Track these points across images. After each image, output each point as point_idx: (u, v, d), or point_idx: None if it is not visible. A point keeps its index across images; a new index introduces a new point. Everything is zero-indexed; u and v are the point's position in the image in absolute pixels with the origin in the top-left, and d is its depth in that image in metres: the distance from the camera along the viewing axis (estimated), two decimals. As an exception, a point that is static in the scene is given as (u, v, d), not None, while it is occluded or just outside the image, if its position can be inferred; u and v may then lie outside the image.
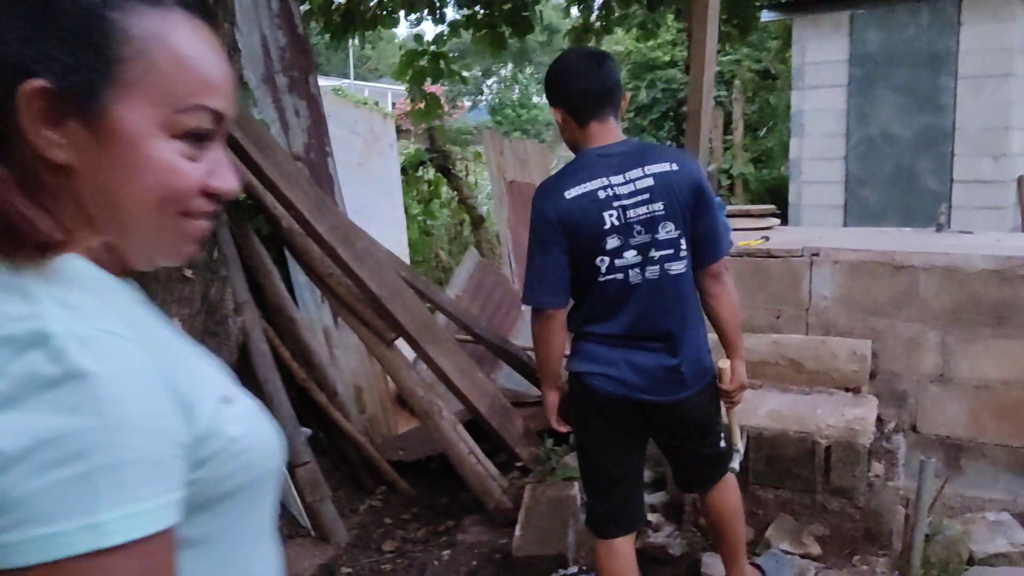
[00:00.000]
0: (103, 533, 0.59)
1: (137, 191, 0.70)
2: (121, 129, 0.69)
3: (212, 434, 0.69)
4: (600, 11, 6.45)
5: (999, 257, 3.45)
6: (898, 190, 8.04)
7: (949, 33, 7.61)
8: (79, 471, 0.59)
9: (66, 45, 0.67)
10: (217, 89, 0.73)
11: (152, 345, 0.67)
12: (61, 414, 0.59)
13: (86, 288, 0.68)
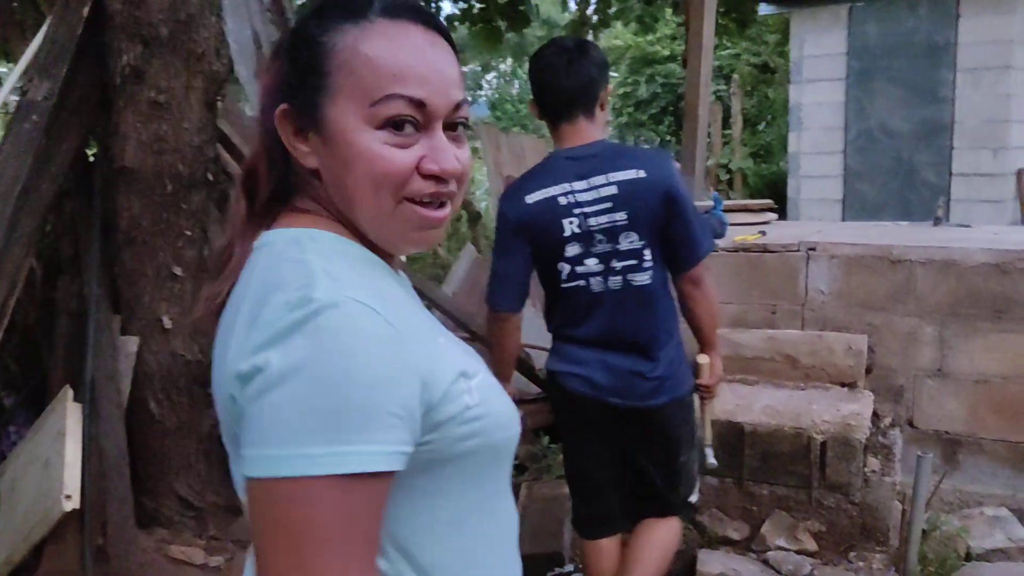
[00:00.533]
0: (314, 463, 0.72)
1: (356, 179, 0.83)
2: (335, 129, 0.83)
3: (447, 401, 0.80)
4: (597, 5, 6.43)
5: (997, 251, 3.43)
6: (897, 184, 8.01)
7: (948, 25, 7.57)
8: (303, 408, 0.72)
9: (297, 72, 0.85)
10: (409, 79, 0.82)
11: (397, 319, 0.78)
12: (303, 360, 0.72)
13: (351, 265, 0.83)
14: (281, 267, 0.81)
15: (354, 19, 0.84)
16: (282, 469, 0.72)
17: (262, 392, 0.74)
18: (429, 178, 0.84)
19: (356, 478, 0.73)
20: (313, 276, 0.78)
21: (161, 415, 3.21)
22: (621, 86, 17.84)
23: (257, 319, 0.77)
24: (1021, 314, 3.33)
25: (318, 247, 0.83)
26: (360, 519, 0.75)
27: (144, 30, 2.86)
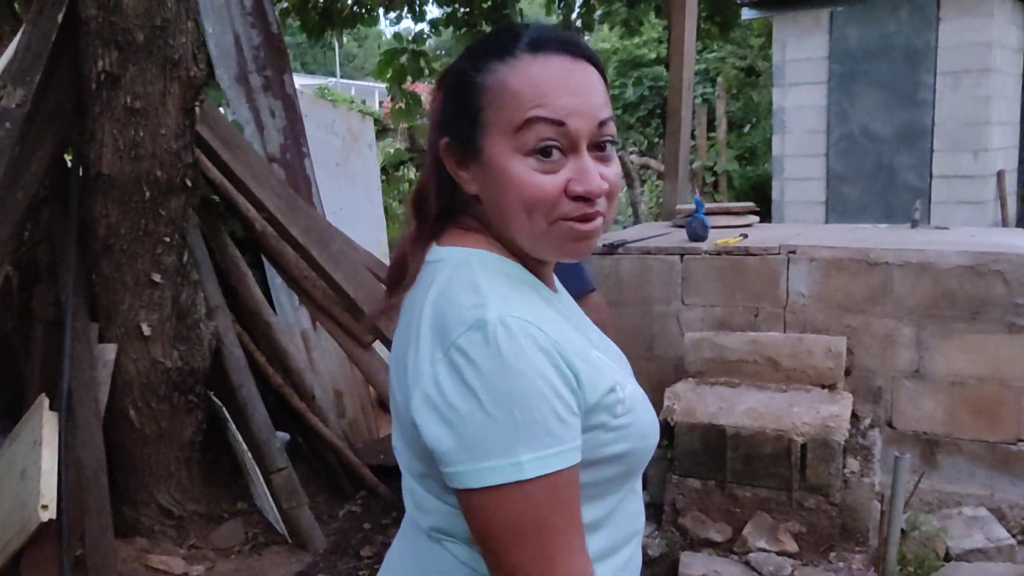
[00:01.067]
0: (522, 469, 0.83)
1: (511, 203, 0.92)
2: (491, 159, 0.92)
3: (599, 410, 0.90)
4: (581, 9, 6.45)
5: (973, 252, 3.45)
6: (879, 186, 8.05)
7: (928, 29, 7.62)
8: (503, 422, 0.82)
9: (455, 110, 0.95)
10: (548, 103, 0.89)
11: (556, 334, 0.88)
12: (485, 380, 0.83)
13: (499, 280, 0.92)
14: (455, 288, 0.91)
15: (502, 57, 0.93)
16: (498, 478, 0.83)
17: (462, 411, 0.84)
18: (577, 199, 0.91)
19: (558, 474, 0.85)
20: (483, 296, 0.88)
21: (140, 423, 3.19)
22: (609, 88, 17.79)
23: (436, 338, 0.87)
24: (996, 315, 3.35)
25: (485, 270, 0.93)
26: (569, 506, 0.87)
27: (120, 36, 2.85)
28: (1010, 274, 3.36)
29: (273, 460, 3.41)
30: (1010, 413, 3.36)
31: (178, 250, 3.18)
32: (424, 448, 0.88)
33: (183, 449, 3.36)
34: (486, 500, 0.85)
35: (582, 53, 0.94)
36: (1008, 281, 3.36)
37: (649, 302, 4.00)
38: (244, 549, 3.38)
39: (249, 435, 3.44)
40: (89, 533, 2.80)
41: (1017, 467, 3.35)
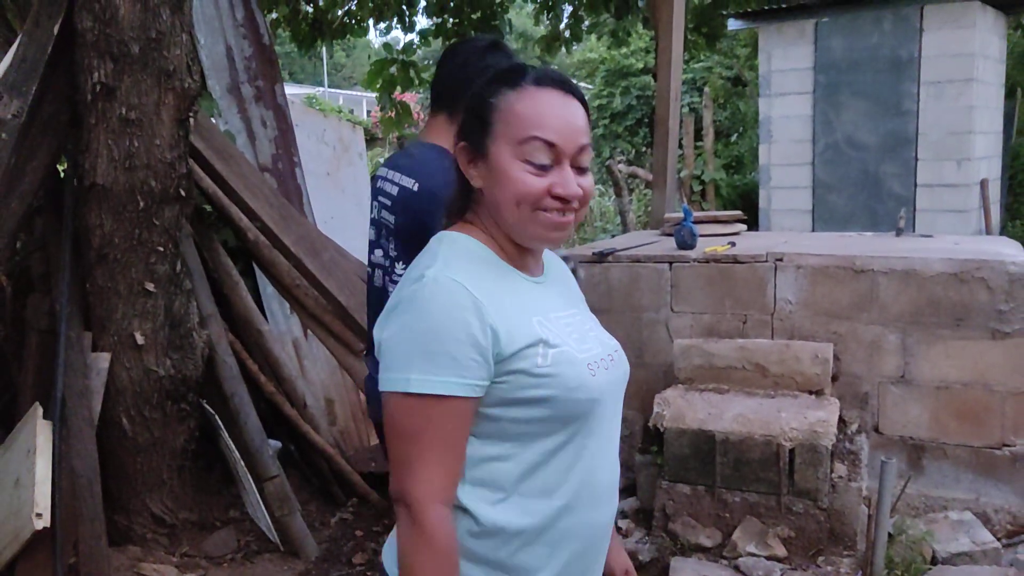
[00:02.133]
0: (408, 384, 1.13)
1: (505, 196, 1.21)
2: (496, 161, 1.21)
3: (517, 359, 1.16)
4: (569, 20, 6.50)
5: (956, 260, 3.51)
6: (864, 194, 8.14)
7: (911, 39, 7.72)
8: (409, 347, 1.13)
9: (470, 121, 1.25)
10: (544, 126, 1.20)
11: (483, 294, 1.16)
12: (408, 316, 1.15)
13: (461, 254, 1.22)
14: (424, 256, 1.24)
15: (512, 86, 1.23)
16: (393, 386, 1.14)
17: (392, 335, 1.16)
18: (556, 198, 1.21)
19: (439, 398, 1.13)
20: (434, 260, 1.19)
21: (133, 432, 3.20)
22: (596, 98, 17.95)
23: (396, 292, 1.21)
24: (979, 322, 3.41)
25: (450, 244, 1.25)
26: (443, 428, 1.14)
27: (115, 47, 2.88)
28: (993, 281, 3.41)
29: (265, 468, 3.42)
30: (994, 418, 3.41)
31: (171, 259, 3.20)
32: None
33: (176, 457, 3.37)
34: (387, 400, 1.17)
35: (572, 91, 1.25)
36: (991, 288, 3.41)
37: (639, 310, 4.03)
38: (236, 557, 3.39)
39: (241, 443, 3.45)
40: (82, 541, 2.81)
41: (1001, 471, 3.40)
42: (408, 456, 1.14)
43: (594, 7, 6.14)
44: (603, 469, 1.29)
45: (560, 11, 6.43)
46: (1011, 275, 3.40)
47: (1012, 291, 3.40)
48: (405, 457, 1.15)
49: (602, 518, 1.31)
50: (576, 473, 1.24)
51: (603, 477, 1.29)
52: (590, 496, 1.26)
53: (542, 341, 1.19)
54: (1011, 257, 3.50)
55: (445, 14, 5.99)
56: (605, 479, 1.30)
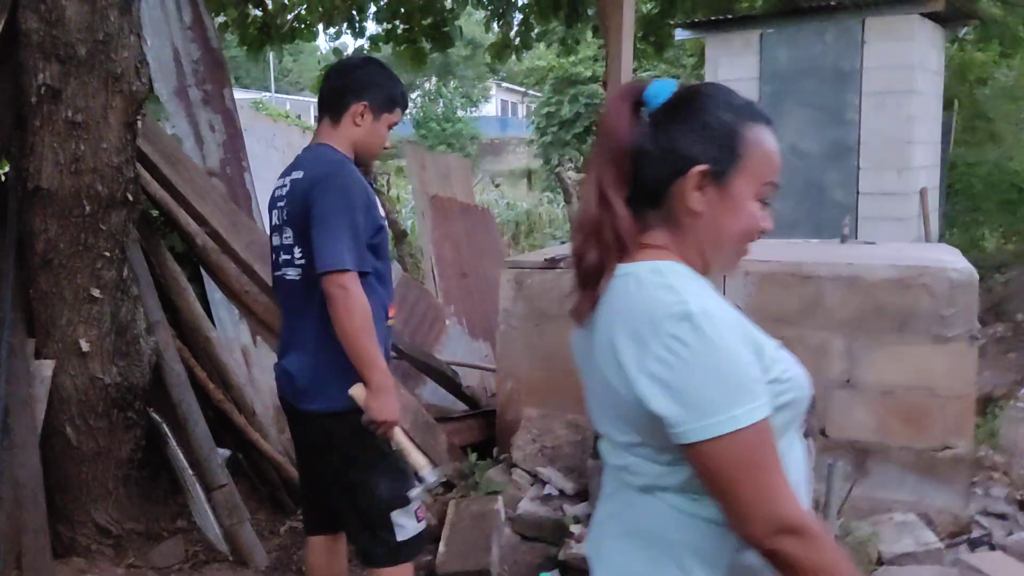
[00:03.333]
0: (737, 420, 1.10)
1: (734, 229, 1.23)
2: (736, 193, 1.21)
3: (771, 369, 1.17)
4: (519, 27, 6.53)
5: (900, 267, 3.61)
6: (809, 202, 8.31)
7: (853, 51, 7.93)
8: (715, 386, 1.10)
9: (716, 146, 1.20)
10: (777, 170, 1.24)
11: (736, 318, 1.16)
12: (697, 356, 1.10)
13: (692, 284, 1.18)
14: (651, 290, 1.18)
15: (758, 121, 1.24)
16: (720, 429, 1.10)
17: (688, 384, 1.11)
18: (760, 235, 1.27)
19: (763, 421, 1.12)
20: (684, 297, 1.14)
21: (78, 441, 3.12)
22: (545, 105, 18.05)
23: (646, 331, 1.14)
24: (921, 327, 3.50)
25: (676, 275, 1.20)
26: (773, 447, 1.14)
27: (61, 49, 2.81)
28: (935, 287, 3.52)
29: (214, 476, 3.37)
30: (936, 421, 3.51)
31: (118, 265, 3.13)
32: (643, 421, 1.17)
33: (121, 467, 3.29)
34: (713, 449, 1.11)
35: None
36: (933, 294, 3.51)
37: (591, 316, 4.06)
38: (184, 567, 3.33)
39: (189, 451, 3.39)
40: (26, 553, 2.73)
41: (943, 473, 3.50)
42: (764, 486, 1.12)
43: (544, 15, 6.18)
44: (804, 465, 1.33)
45: (511, 19, 6.46)
46: (952, 281, 3.51)
47: (953, 297, 3.50)
48: (761, 490, 1.12)
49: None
50: (794, 468, 1.25)
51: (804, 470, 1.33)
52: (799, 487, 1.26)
53: (775, 348, 1.23)
54: (952, 264, 3.61)
55: (396, 20, 5.97)
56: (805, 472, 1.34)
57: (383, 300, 2.45)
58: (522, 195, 17.73)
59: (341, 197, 2.29)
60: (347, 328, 2.26)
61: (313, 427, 2.43)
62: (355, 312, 2.25)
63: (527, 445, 3.99)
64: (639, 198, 1.24)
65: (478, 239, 7.06)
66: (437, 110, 29.12)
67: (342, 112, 2.43)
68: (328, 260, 2.25)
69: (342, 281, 2.24)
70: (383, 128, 2.49)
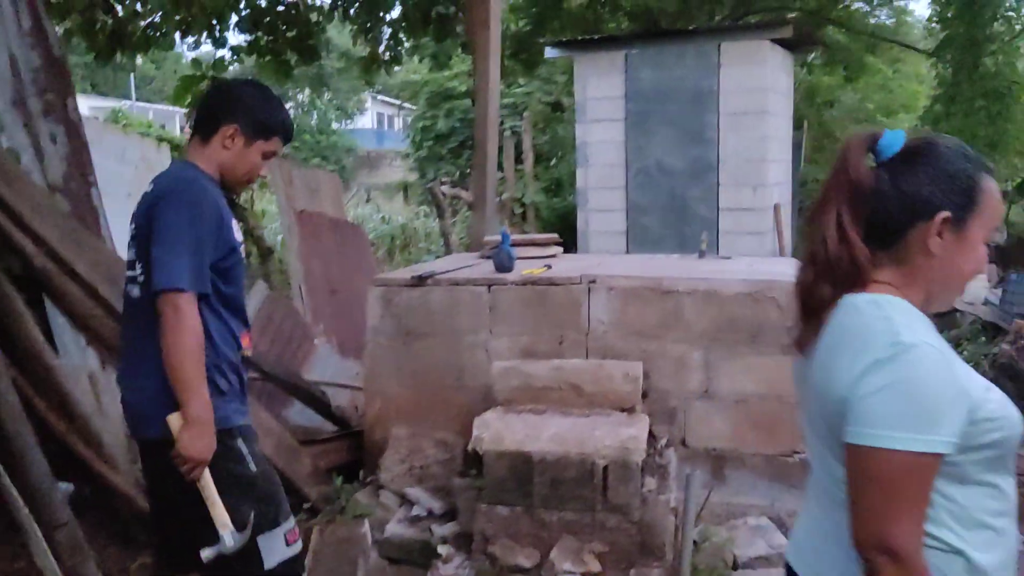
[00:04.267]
0: (901, 442, 1.22)
1: (965, 269, 1.37)
2: (971, 237, 1.34)
3: (979, 408, 1.26)
4: (389, 42, 6.48)
5: (751, 281, 3.77)
6: (673, 217, 8.60)
7: (711, 73, 8.28)
8: (897, 409, 1.23)
9: (958, 195, 1.34)
10: (1000, 217, 1.38)
11: (948, 356, 1.27)
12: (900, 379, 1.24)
13: (917, 319, 1.31)
14: (873, 322, 1.30)
15: (987, 170, 1.37)
16: (880, 442, 1.23)
17: (871, 395, 1.25)
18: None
19: (923, 455, 1.23)
20: (897, 327, 1.28)
21: None
22: (420, 120, 17.98)
23: (861, 355, 1.28)
24: (771, 338, 3.67)
25: (893, 308, 1.32)
26: (922, 484, 1.25)
27: None
28: (783, 300, 3.69)
29: (54, 514, 3.14)
30: (786, 428, 3.67)
31: (-59, 289, 2.88)
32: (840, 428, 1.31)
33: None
34: (863, 455, 1.25)
35: None
36: (782, 306, 3.68)
37: (458, 333, 4.05)
38: (23, 613, 3.09)
39: (27, 488, 3.15)
40: None
41: (793, 477, 3.66)
42: (889, 508, 1.23)
43: (413, 30, 6.16)
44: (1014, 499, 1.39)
45: (379, 33, 6.39)
46: (798, 294, 3.69)
47: (799, 309, 3.68)
48: (885, 509, 1.23)
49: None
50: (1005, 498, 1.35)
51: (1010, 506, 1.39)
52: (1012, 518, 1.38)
53: (987, 388, 1.31)
54: (797, 278, 3.80)
55: (259, 31, 5.81)
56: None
57: (231, 328, 2.33)
58: (398, 209, 17.58)
59: (186, 212, 2.18)
60: (172, 351, 2.14)
61: (151, 455, 2.31)
62: (183, 334, 2.13)
63: (395, 465, 3.93)
64: (871, 238, 1.37)
65: (349, 255, 6.93)
66: (311, 122, 28.54)
67: (212, 132, 2.34)
68: (163, 278, 2.14)
69: (176, 301, 2.13)
70: (255, 155, 2.37)
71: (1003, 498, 1.34)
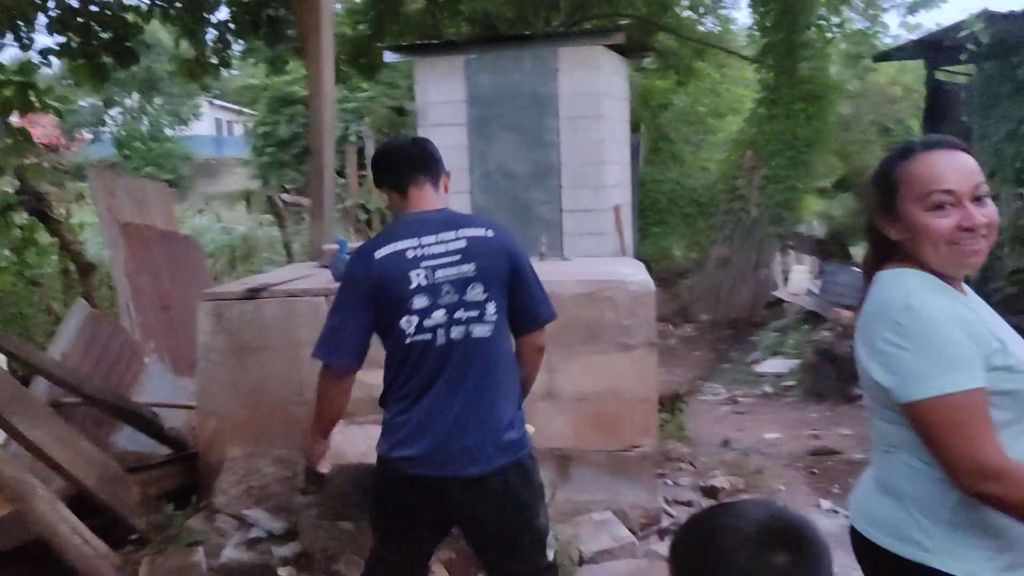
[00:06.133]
0: (943, 386, 1.44)
1: (922, 241, 1.56)
2: (907, 217, 1.57)
3: (994, 357, 1.48)
4: (215, 44, 6.20)
5: (588, 281, 3.85)
6: (518, 220, 8.69)
7: (549, 78, 8.43)
8: (931, 357, 1.46)
9: (880, 192, 1.63)
10: (941, 179, 1.54)
11: (951, 309, 1.50)
12: (915, 335, 1.48)
13: (923, 284, 1.56)
14: (890, 290, 1.57)
15: (905, 157, 1.60)
16: (931, 392, 1.44)
17: (895, 356, 1.49)
18: (964, 230, 1.52)
19: (967, 392, 1.44)
20: (908, 291, 1.53)
21: None
22: (261, 125, 17.45)
23: (880, 318, 1.55)
24: (608, 337, 3.76)
25: (912, 277, 1.57)
26: (979, 412, 1.44)
27: None
28: (618, 300, 3.79)
29: None
30: (624, 424, 3.77)
31: None
32: (877, 391, 1.56)
33: None
34: (925, 408, 1.45)
35: (956, 146, 1.58)
36: (617, 306, 3.78)
37: (297, 346, 3.92)
38: None
39: None
40: None
41: (633, 471, 3.77)
42: (968, 439, 1.42)
43: (241, 33, 5.92)
44: None
45: (202, 36, 6.10)
46: (633, 294, 3.80)
47: (634, 308, 3.79)
48: (965, 442, 1.42)
49: None
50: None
51: None
52: None
53: (1003, 343, 1.51)
54: (631, 277, 3.91)
55: (69, 32, 5.42)
56: None
57: None
58: (241, 218, 16.95)
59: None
60: (536, 373, 2.68)
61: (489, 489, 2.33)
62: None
63: (232, 487, 3.75)
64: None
65: (182, 268, 6.59)
66: (142, 128, 27.06)
67: (438, 178, 2.53)
68: (549, 309, 2.63)
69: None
70: None
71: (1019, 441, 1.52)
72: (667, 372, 7.33)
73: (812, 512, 4.21)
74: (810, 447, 5.57)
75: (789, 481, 4.78)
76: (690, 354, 9.01)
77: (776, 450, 5.54)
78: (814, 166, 11.24)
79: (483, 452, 2.29)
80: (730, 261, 10.18)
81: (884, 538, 1.57)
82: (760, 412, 6.74)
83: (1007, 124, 6.06)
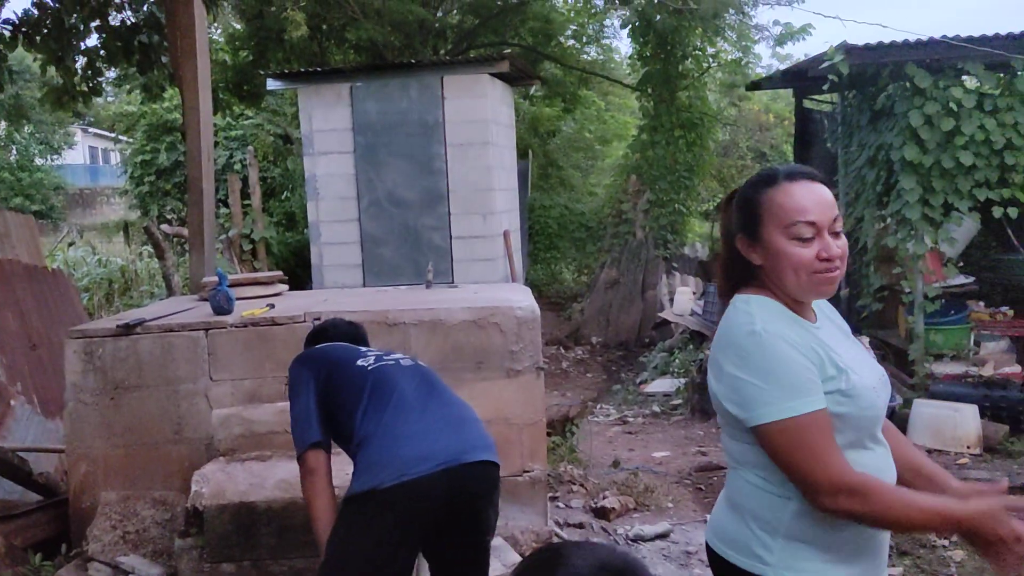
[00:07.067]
0: (785, 410, 1.52)
1: (785, 267, 1.62)
2: (770, 243, 1.63)
3: (827, 382, 1.57)
4: (85, 71, 5.95)
5: (475, 308, 3.86)
6: (408, 247, 8.67)
7: (436, 106, 8.48)
8: (772, 384, 1.54)
9: (743, 215, 1.68)
10: (804, 211, 1.60)
11: (794, 340, 1.58)
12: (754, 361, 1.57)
13: (768, 311, 1.63)
14: (736, 315, 1.64)
15: (769, 184, 1.64)
16: (785, 413, 1.51)
17: (740, 382, 1.56)
18: (824, 260, 1.59)
19: (812, 413, 1.51)
20: (753, 319, 1.60)
21: None
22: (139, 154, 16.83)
23: (725, 344, 1.62)
24: (496, 363, 3.78)
25: (757, 304, 1.63)
26: (824, 432, 1.52)
27: None
28: (505, 325, 3.81)
29: None
30: (514, 449, 3.78)
31: None
32: (725, 413, 1.61)
33: None
34: (773, 431, 1.52)
35: (816, 177, 1.64)
36: (504, 331, 3.81)
37: (174, 382, 3.78)
38: None
39: None
40: None
41: (524, 496, 3.78)
42: (819, 459, 1.50)
43: (112, 60, 5.71)
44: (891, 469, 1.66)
45: (71, 62, 5.85)
46: (519, 319, 3.83)
47: (520, 333, 3.83)
48: (817, 461, 1.50)
49: None
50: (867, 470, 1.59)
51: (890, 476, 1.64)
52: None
53: (840, 372, 1.57)
54: (518, 303, 3.94)
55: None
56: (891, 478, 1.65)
57: None
58: (119, 250, 16.24)
59: None
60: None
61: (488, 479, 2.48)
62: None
63: (105, 533, 3.57)
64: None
65: (50, 305, 6.24)
66: (10, 158, 25.66)
67: None
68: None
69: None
70: None
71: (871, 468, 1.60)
72: (559, 395, 7.41)
73: (698, 527, 4.32)
74: (697, 463, 5.72)
75: (677, 498, 4.90)
76: (582, 376, 9.14)
77: (665, 468, 5.67)
78: (696, 190, 11.67)
79: (483, 441, 2.49)
80: (618, 283, 10.41)
81: (731, 553, 1.64)
82: (649, 431, 6.89)
83: (867, 151, 6.43)
